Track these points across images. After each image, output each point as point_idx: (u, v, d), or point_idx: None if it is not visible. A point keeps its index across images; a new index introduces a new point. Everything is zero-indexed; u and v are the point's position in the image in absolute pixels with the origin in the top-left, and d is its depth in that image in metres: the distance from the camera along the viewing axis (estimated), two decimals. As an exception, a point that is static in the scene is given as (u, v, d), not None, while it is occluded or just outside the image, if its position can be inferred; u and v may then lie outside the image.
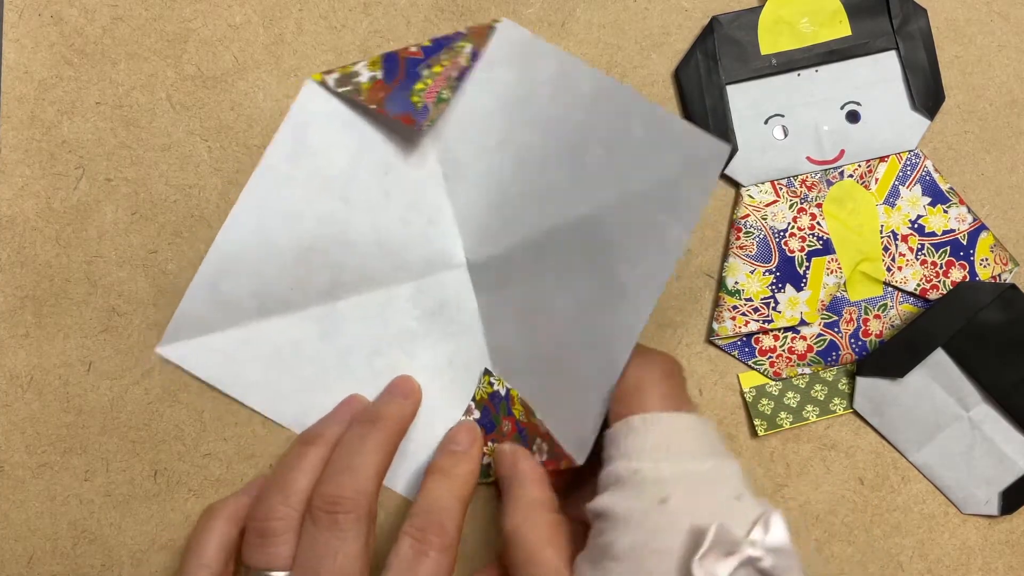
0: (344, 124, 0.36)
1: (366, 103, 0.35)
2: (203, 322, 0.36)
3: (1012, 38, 0.41)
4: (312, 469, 0.33)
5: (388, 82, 0.36)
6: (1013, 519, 0.39)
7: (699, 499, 0.28)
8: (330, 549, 0.30)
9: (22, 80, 0.38)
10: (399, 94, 0.35)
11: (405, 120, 0.35)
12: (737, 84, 0.39)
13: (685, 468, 0.29)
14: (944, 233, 0.40)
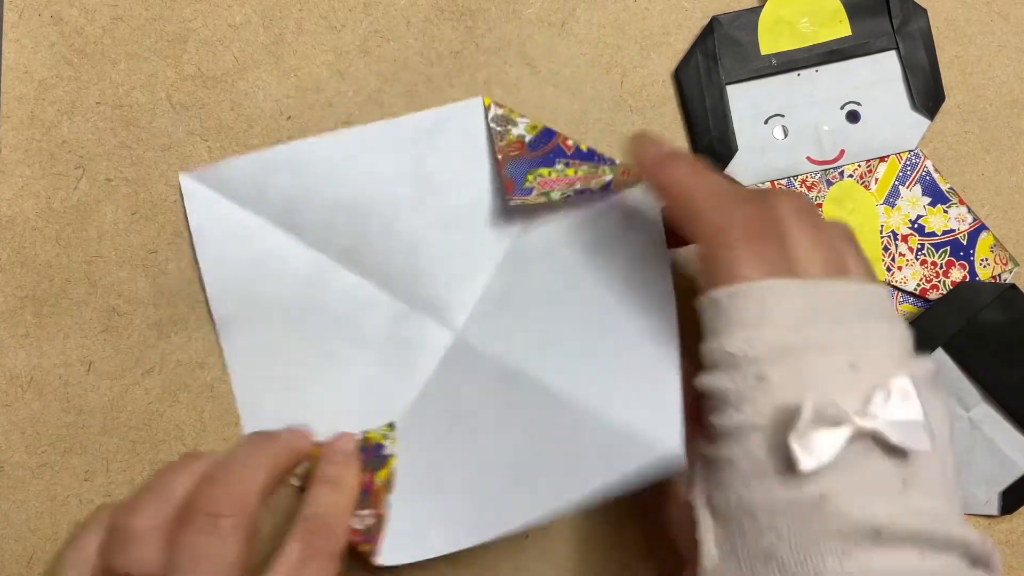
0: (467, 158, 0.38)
1: (496, 151, 0.37)
2: (232, 186, 0.37)
3: (1012, 38, 0.41)
4: (192, 477, 0.29)
5: (528, 149, 0.36)
6: (1013, 519, 0.39)
7: (802, 372, 0.26)
8: (208, 553, 0.27)
9: (22, 80, 0.38)
10: (524, 164, 0.36)
11: (507, 185, 0.36)
12: (737, 84, 0.39)
13: (782, 341, 0.26)
14: (944, 233, 0.40)
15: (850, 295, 0.27)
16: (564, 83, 0.40)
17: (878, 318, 0.27)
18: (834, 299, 0.27)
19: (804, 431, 0.25)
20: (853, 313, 0.27)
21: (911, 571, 0.25)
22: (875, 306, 0.28)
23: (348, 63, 0.39)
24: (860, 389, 0.26)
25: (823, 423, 0.25)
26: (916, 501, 0.25)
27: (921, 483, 0.26)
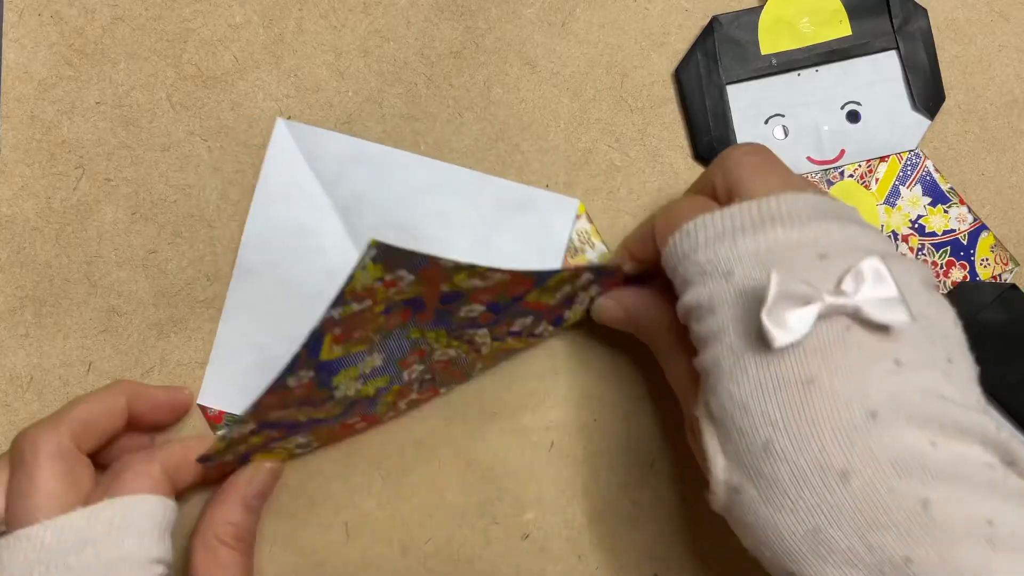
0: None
1: (564, 263, 0.38)
2: (317, 154, 0.38)
3: (1012, 38, 0.41)
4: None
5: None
6: (1013, 519, 0.39)
7: (768, 263, 0.26)
8: None
9: (22, 80, 0.38)
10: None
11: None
12: (737, 84, 0.39)
13: (746, 245, 0.27)
14: (944, 233, 0.40)
15: (818, 202, 0.28)
16: (564, 83, 0.40)
17: (849, 220, 0.28)
18: (798, 205, 0.28)
19: (774, 307, 0.25)
20: (822, 215, 0.28)
21: (923, 459, 0.24)
22: (847, 214, 0.29)
23: (348, 63, 0.39)
24: (831, 274, 0.26)
25: (793, 300, 0.25)
26: (910, 380, 0.25)
27: (920, 365, 0.26)
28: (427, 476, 0.37)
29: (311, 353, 0.30)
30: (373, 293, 0.30)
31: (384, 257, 0.28)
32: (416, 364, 0.35)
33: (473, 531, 0.37)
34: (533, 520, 0.37)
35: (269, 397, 0.30)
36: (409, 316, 0.32)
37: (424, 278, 0.30)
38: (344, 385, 0.33)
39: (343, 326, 0.30)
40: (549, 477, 0.38)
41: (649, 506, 0.37)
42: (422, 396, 0.37)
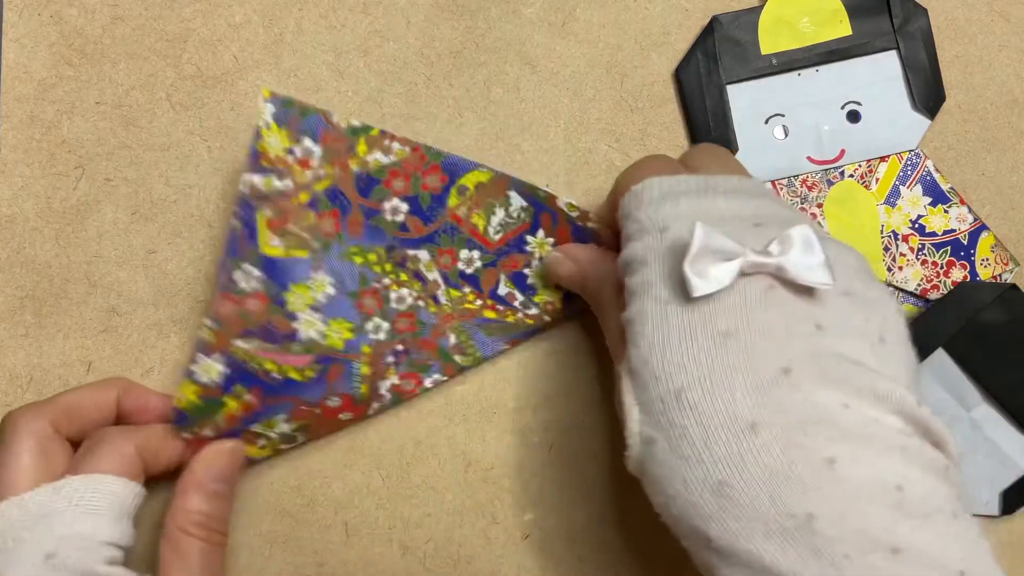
0: None
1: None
2: None
3: (1013, 38, 0.41)
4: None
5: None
6: (1013, 519, 0.39)
7: (703, 223, 0.27)
8: None
9: (22, 80, 0.38)
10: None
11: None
12: (737, 84, 0.39)
13: (685, 205, 0.28)
14: (945, 233, 0.40)
15: (767, 190, 0.29)
16: (564, 83, 0.40)
17: (773, 200, 0.30)
18: (746, 185, 0.29)
19: (696, 258, 0.25)
20: (767, 197, 0.29)
21: (833, 418, 0.24)
22: (768, 192, 0.30)
23: (348, 63, 0.39)
24: (762, 239, 0.27)
25: (716, 254, 0.25)
26: (830, 344, 0.25)
27: (843, 332, 0.26)
28: (427, 476, 0.37)
29: (249, 236, 0.32)
30: (291, 170, 0.33)
31: (285, 116, 0.32)
32: (377, 316, 0.35)
33: (473, 531, 0.37)
34: (533, 520, 0.37)
35: (224, 303, 0.32)
36: (339, 219, 0.34)
37: (329, 146, 0.33)
38: (302, 316, 0.34)
39: (271, 207, 0.33)
40: (549, 477, 0.38)
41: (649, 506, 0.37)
42: (405, 384, 0.36)
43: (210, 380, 0.33)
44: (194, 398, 0.33)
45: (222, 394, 0.33)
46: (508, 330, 0.37)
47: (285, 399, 0.34)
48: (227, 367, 0.33)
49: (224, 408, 0.33)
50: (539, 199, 0.36)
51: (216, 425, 0.33)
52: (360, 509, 0.37)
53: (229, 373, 0.33)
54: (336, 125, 0.33)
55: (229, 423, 0.34)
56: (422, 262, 0.36)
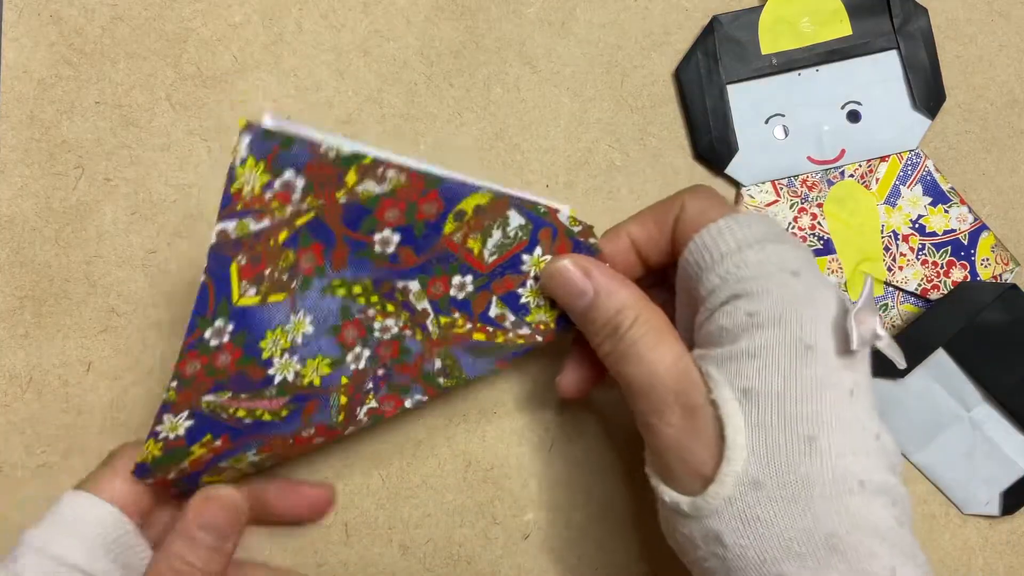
0: None
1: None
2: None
3: (1013, 38, 0.41)
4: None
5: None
6: (1014, 519, 0.39)
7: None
8: None
9: (21, 80, 0.38)
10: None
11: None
12: (738, 84, 0.39)
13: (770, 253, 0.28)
14: (945, 233, 0.40)
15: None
16: (564, 83, 0.40)
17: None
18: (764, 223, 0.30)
19: (861, 311, 0.26)
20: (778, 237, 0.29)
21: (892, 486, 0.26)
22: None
23: (348, 63, 0.39)
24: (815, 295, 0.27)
25: (873, 307, 0.26)
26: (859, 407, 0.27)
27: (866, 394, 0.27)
28: (427, 476, 0.37)
29: (219, 288, 0.29)
30: (268, 208, 0.29)
31: (264, 149, 0.27)
32: (359, 345, 0.33)
33: (473, 531, 0.37)
34: (533, 520, 0.37)
35: (190, 359, 0.29)
36: (322, 252, 0.31)
37: (314, 178, 0.29)
38: (278, 361, 0.31)
39: (247, 254, 0.29)
40: (549, 477, 0.38)
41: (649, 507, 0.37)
42: (384, 407, 0.34)
43: (175, 436, 0.30)
44: (158, 452, 0.31)
45: (188, 445, 0.31)
46: (497, 351, 0.35)
47: (257, 437, 0.32)
48: (194, 420, 0.31)
49: (190, 456, 0.31)
50: (539, 215, 0.33)
51: (181, 470, 0.31)
52: (360, 509, 0.37)
53: (195, 426, 0.31)
54: (324, 154, 0.29)
55: (194, 466, 0.32)
56: (412, 292, 0.33)
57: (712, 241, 0.29)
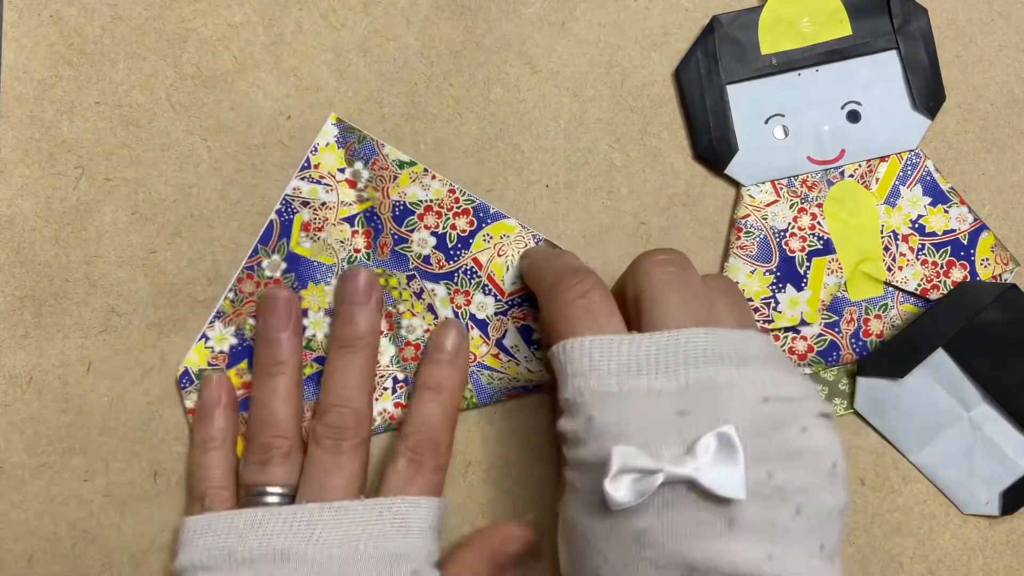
0: None
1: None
2: None
3: (1013, 38, 0.41)
4: (290, 397, 0.35)
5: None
6: (1014, 519, 0.39)
7: (627, 418, 0.27)
8: (335, 467, 0.34)
9: (22, 80, 0.38)
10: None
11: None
12: (737, 84, 0.39)
13: (607, 388, 0.28)
14: (945, 233, 0.40)
15: (692, 342, 0.28)
16: (564, 83, 0.40)
17: (727, 363, 0.28)
18: (669, 348, 0.28)
19: (615, 476, 0.26)
20: (693, 360, 0.28)
21: None
22: (728, 352, 0.28)
23: (348, 63, 0.39)
24: (685, 434, 0.27)
25: (633, 470, 0.26)
26: (739, 544, 0.26)
27: (751, 527, 0.26)
28: (427, 476, 0.37)
29: (284, 229, 0.37)
30: (336, 186, 0.37)
31: (344, 140, 0.38)
32: (385, 339, 0.37)
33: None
34: (533, 520, 0.37)
35: (247, 279, 0.37)
36: (371, 239, 0.37)
37: (376, 173, 0.37)
38: (313, 315, 0.37)
39: (312, 213, 0.37)
40: (549, 477, 0.38)
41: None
42: (397, 414, 0.37)
43: (220, 350, 0.37)
44: (203, 363, 0.37)
45: (227, 367, 0.37)
46: (508, 382, 0.37)
47: None
48: (237, 339, 0.37)
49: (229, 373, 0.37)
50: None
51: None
52: (360, 509, 0.37)
53: (237, 346, 0.37)
54: (385, 156, 0.38)
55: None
56: (438, 297, 0.37)
57: (555, 355, 0.30)
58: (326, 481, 0.33)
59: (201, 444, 0.36)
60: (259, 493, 0.34)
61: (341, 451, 0.34)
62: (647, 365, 0.28)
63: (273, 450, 0.34)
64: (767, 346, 0.30)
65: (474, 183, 0.39)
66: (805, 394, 0.29)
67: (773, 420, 0.27)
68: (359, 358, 0.35)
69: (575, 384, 0.29)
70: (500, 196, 0.39)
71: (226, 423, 0.36)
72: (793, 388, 0.28)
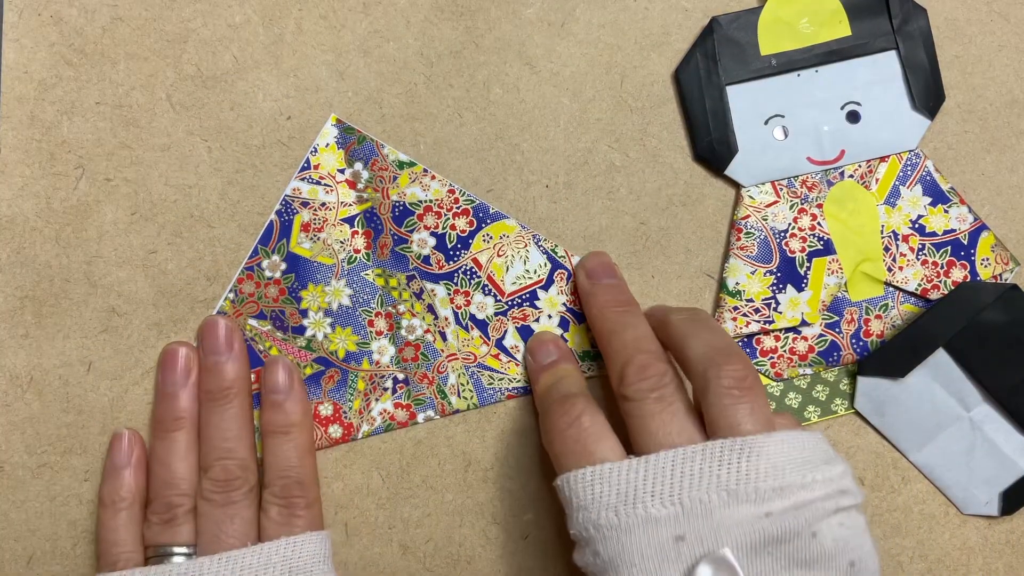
0: None
1: None
2: None
3: (1012, 38, 0.41)
4: (189, 453, 0.35)
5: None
6: (1013, 519, 0.39)
7: (628, 550, 0.28)
8: (227, 518, 0.34)
9: (22, 80, 0.38)
10: None
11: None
12: (737, 85, 0.39)
13: (608, 520, 0.29)
14: (945, 233, 0.40)
15: (687, 464, 0.28)
16: (564, 83, 0.40)
17: (721, 484, 0.28)
18: (664, 471, 0.29)
19: None
20: (688, 483, 0.28)
21: None
22: (723, 472, 0.28)
23: (348, 63, 0.39)
24: (684, 560, 0.27)
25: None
26: None
27: None
28: (427, 476, 0.37)
29: (283, 230, 0.37)
30: (336, 187, 0.37)
31: (344, 140, 0.38)
32: (385, 339, 0.37)
33: (473, 531, 0.37)
34: (533, 520, 0.37)
35: (247, 279, 0.37)
36: (371, 239, 0.37)
37: (376, 173, 0.37)
38: (313, 316, 0.37)
39: (311, 214, 0.37)
40: (549, 477, 0.38)
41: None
42: (397, 413, 0.37)
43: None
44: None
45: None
46: (508, 383, 0.38)
47: None
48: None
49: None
50: (556, 256, 0.38)
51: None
52: (360, 509, 0.37)
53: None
54: (385, 156, 0.38)
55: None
56: (438, 297, 0.38)
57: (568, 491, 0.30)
58: (220, 534, 0.33)
59: (111, 504, 0.35)
60: (164, 553, 0.34)
61: (232, 501, 0.34)
62: (644, 492, 0.28)
63: (175, 508, 0.34)
64: (778, 448, 0.29)
65: (474, 183, 0.39)
66: (818, 495, 0.28)
67: (778, 534, 0.27)
68: (232, 409, 0.35)
69: (579, 519, 0.29)
70: (500, 196, 0.39)
71: (135, 483, 0.35)
72: (804, 493, 0.28)
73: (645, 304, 0.39)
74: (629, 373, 0.31)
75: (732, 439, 0.28)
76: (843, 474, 0.29)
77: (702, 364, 0.31)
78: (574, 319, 0.38)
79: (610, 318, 0.35)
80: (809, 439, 0.29)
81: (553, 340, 0.37)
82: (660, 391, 0.31)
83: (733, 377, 0.30)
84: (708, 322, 0.34)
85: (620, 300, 0.36)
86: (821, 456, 0.29)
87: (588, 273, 0.37)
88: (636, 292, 0.39)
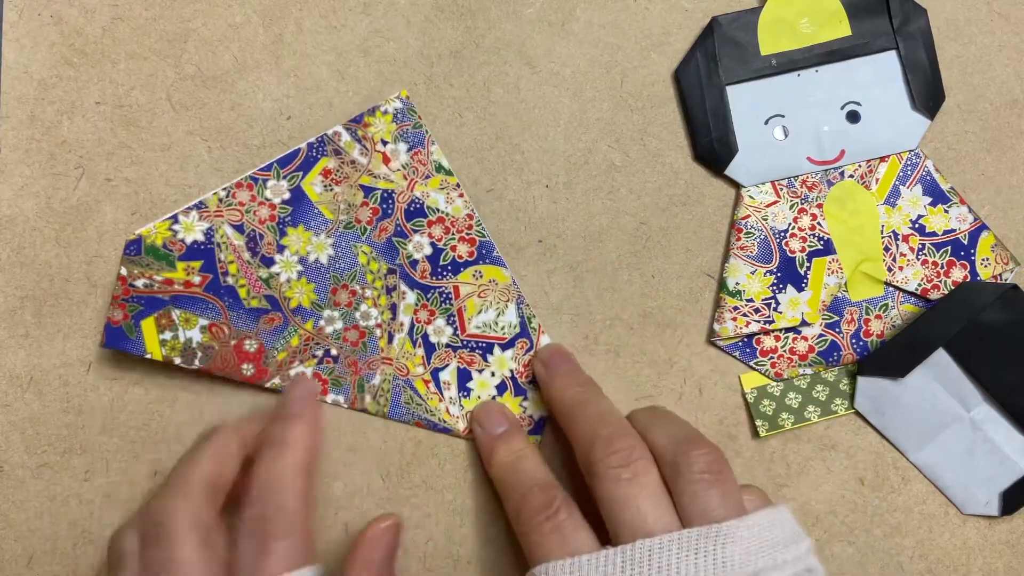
0: None
1: None
2: None
3: (1012, 38, 0.41)
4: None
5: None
6: (1013, 520, 0.39)
7: None
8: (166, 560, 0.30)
9: (22, 80, 0.38)
10: None
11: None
12: (737, 84, 0.39)
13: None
14: (945, 233, 0.40)
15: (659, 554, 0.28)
16: (564, 83, 0.40)
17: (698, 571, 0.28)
18: (636, 562, 0.28)
19: None
20: (664, 574, 0.28)
21: None
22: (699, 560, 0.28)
23: (348, 63, 0.39)
24: None
25: None
26: None
27: None
28: (427, 476, 0.37)
29: (305, 163, 0.37)
30: (372, 153, 0.37)
31: (402, 117, 0.38)
32: (339, 312, 0.37)
33: (473, 531, 0.37)
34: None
35: (246, 187, 0.36)
36: (376, 217, 0.37)
37: (412, 164, 0.38)
38: (287, 255, 0.37)
39: (337, 164, 0.37)
40: (549, 477, 0.38)
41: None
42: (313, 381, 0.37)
43: (182, 239, 0.36)
44: (158, 241, 0.36)
45: (179, 258, 0.36)
46: (423, 411, 0.37)
47: (218, 307, 0.36)
48: (204, 237, 0.36)
49: (171, 271, 0.36)
50: (529, 326, 0.38)
51: (150, 282, 0.35)
52: (360, 509, 0.37)
53: (202, 244, 0.36)
54: (430, 153, 0.38)
55: (162, 287, 0.36)
56: (405, 301, 0.37)
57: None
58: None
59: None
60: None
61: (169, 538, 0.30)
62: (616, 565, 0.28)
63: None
64: (751, 532, 0.29)
65: (474, 183, 0.39)
66: (787, 575, 0.29)
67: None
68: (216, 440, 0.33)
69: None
70: (500, 196, 0.39)
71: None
72: (775, 574, 0.28)
73: (645, 303, 0.39)
74: (597, 448, 0.31)
75: (707, 527, 0.29)
76: (808, 551, 0.30)
77: (670, 451, 0.31)
78: (512, 387, 0.38)
79: (570, 397, 0.35)
80: (777, 517, 0.30)
81: (499, 409, 0.37)
82: (631, 466, 0.30)
83: (703, 462, 0.30)
84: (670, 414, 0.35)
85: (579, 381, 0.36)
86: (789, 534, 0.30)
87: (544, 363, 0.37)
88: (636, 292, 0.39)
